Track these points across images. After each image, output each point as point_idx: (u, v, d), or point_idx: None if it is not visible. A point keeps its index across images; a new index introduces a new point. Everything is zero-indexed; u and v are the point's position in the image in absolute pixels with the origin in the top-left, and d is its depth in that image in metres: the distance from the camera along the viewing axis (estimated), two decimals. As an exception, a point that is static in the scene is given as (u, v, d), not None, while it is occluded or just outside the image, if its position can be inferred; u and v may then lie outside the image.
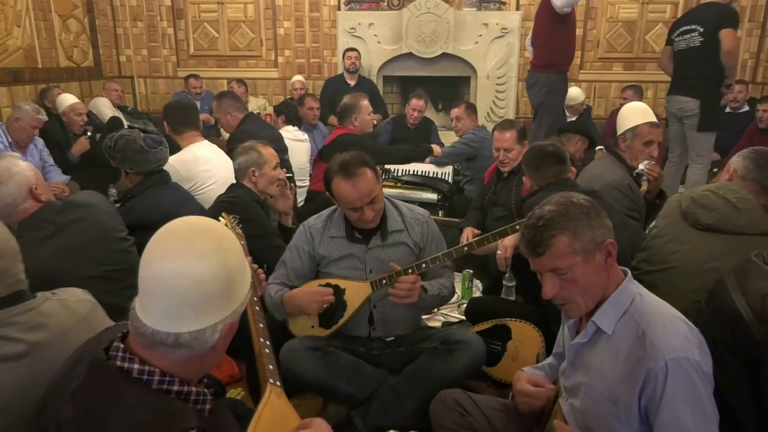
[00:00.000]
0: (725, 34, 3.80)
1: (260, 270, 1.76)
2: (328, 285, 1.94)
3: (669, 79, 6.18)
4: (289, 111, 4.45)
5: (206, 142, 3.27)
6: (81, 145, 4.53)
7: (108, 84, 5.86)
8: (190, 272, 0.91)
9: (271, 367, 1.52)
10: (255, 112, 5.82)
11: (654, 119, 2.65)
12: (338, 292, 1.92)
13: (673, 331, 1.21)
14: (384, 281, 1.89)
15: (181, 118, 3.24)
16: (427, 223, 2.03)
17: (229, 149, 3.30)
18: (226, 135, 3.90)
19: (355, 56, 5.59)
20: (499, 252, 2.21)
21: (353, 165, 1.83)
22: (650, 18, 6.12)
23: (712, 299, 1.64)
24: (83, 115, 4.61)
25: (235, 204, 2.32)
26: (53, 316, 1.25)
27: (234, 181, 2.56)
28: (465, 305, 2.56)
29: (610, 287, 1.31)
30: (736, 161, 2.03)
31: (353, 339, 2.00)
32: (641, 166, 2.61)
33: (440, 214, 4.02)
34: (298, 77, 6.06)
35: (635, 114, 2.63)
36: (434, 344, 1.94)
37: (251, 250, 2.13)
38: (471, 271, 2.98)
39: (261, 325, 1.49)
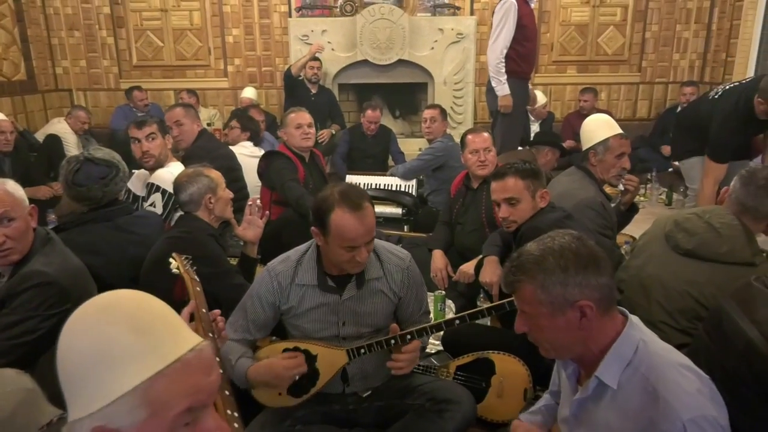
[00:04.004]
0: None
1: (220, 318, 1.55)
2: (296, 349, 1.73)
3: (622, 80, 6.35)
4: (254, 126, 4.23)
5: None
6: (41, 191, 4.19)
7: (76, 112, 5.39)
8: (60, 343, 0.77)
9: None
10: (205, 123, 5.57)
11: (621, 130, 2.61)
12: (309, 358, 1.72)
13: (686, 385, 1.11)
14: (363, 350, 1.70)
15: None
16: (408, 269, 1.82)
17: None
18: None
19: (317, 66, 5.42)
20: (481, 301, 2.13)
21: (357, 197, 1.61)
22: (601, 21, 6.18)
23: (714, 330, 1.56)
24: (6, 133, 4.20)
25: (187, 240, 2.10)
26: None
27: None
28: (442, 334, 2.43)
29: (607, 338, 1.21)
30: (735, 178, 1.96)
31: (325, 397, 1.80)
32: (621, 186, 2.56)
33: (405, 229, 3.90)
34: (248, 94, 5.82)
35: (602, 127, 2.56)
36: (420, 402, 1.77)
37: (208, 290, 1.93)
38: (443, 292, 2.86)
39: (227, 393, 1.30)
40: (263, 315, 1.77)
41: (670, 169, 5.31)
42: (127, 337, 0.75)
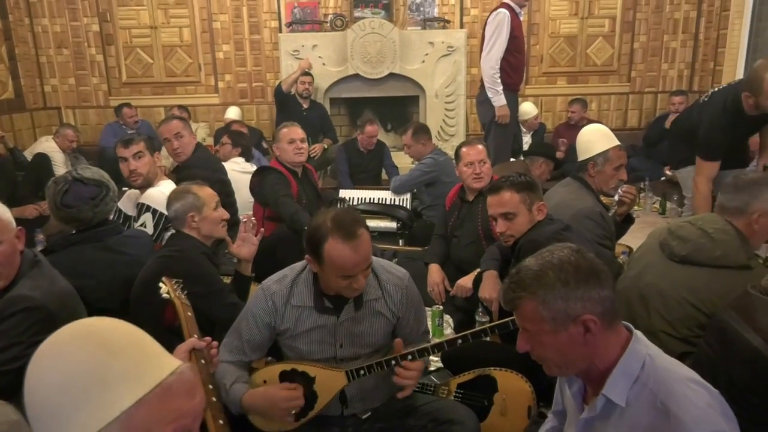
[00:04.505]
0: None
1: (214, 348, 1.48)
2: (294, 371, 1.68)
3: (612, 90, 6.39)
4: (245, 142, 4.19)
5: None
6: (28, 211, 4.14)
7: (63, 131, 5.33)
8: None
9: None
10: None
11: (618, 141, 2.60)
12: (307, 380, 1.67)
13: (696, 400, 1.08)
14: (362, 372, 1.65)
15: None
16: (407, 288, 1.78)
17: (182, 178, 2.99)
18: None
19: (309, 81, 5.40)
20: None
21: (351, 224, 1.54)
22: (590, 32, 6.23)
23: (717, 341, 1.55)
24: None
25: (179, 259, 2.04)
26: None
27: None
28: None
29: (613, 353, 1.17)
30: None
31: (323, 420, 1.74)
32: (617, 197, 2.55)
33: (401, 243, 3.86)
34: (231, 115, 5.75)
35: (601, 138, 2.55)
36: (422, 422, 1.72)
37: (201, 310, 1.89)
38: (441, 306, 2.82)
39: (221, 422, 1.25)
40: (259, 335, 1.72)
41: (663, 178, 5.32)
42: (101, 366, 0.71)
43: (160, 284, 1.70)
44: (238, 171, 3.78)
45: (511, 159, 4.49)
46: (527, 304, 1.17)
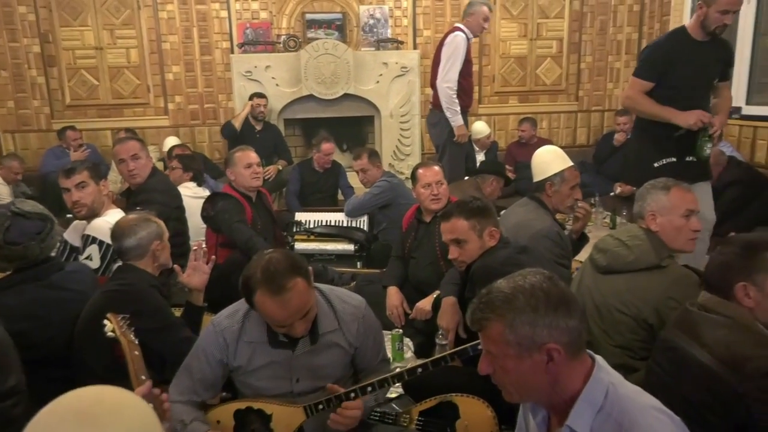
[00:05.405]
0: None
1: (166, 401, 1.37)
2: (249, 409, 1.61)
3: (561, 109, 6.58)
4: (197, 166, 4.07)
5: None
6: None
7: (8, 162, 5.08)
8: None
9: None
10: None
11: (572, 162, 2.67)
12: (263, 418, 1.60)
13: (660, 429, 1.08)
14: (321, 406, 1.59)
15: None
16: (364, 318, 1.74)
17: (138, 201, 2.86)
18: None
19: (263, 103, 5.32)
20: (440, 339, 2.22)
21: (282, 276, 1.47)
22: (539, 53, 6.41)
23: (667, 362, 1.57)
24: None
25: (126, 293, 1.94)
26: None
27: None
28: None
29: (576, 383, 1.16)
30: None
31: None
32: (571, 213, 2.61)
33: (359, 266, 3.82)
34: (171, 143, 5.58)
35: (558, 159, 2.61)
36: None
37: (153, 347, 1.80)
38: (400, 330, 2.79)
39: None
40: (211, 374, 1.64)
41: (612, 193, 5.47)
42: None
43: (105, 321, 1.60)
44: (190, 196, 3.66)
45: (465, 177, 4.54)
46: (494, 326, 1.15)
